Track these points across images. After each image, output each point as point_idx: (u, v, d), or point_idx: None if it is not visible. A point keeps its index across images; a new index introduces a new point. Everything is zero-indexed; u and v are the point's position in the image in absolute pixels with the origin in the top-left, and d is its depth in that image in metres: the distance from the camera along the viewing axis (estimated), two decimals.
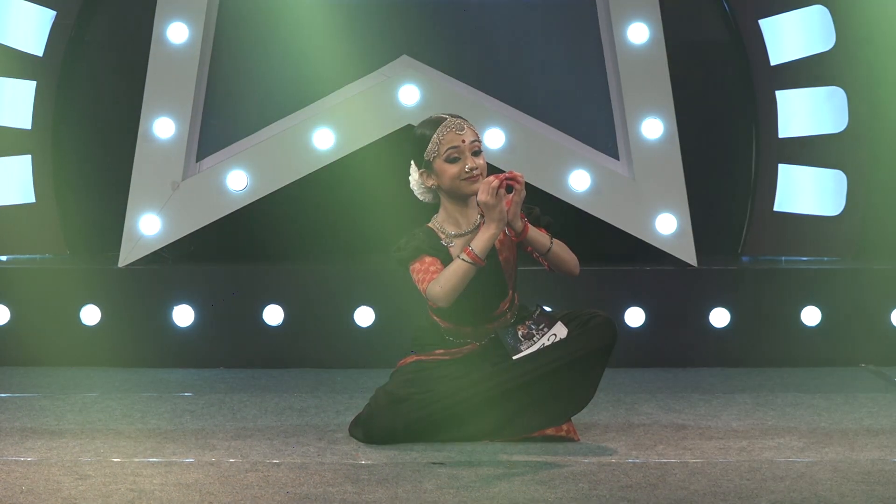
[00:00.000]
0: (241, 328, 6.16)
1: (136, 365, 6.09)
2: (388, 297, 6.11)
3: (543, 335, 4.58)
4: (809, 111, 6.67)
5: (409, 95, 6.25)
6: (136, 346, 6.13)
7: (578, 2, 6.44)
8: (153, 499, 3.83)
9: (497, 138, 6.24)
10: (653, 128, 6.31)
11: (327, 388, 5.64)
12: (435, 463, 4.29)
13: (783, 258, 6.67)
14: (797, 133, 6.68)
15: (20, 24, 6.58)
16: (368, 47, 6.44)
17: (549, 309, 4.71)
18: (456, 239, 4.63)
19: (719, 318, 6.21)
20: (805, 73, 6.65)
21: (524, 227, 4.55)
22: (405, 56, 6.40)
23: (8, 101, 6.60)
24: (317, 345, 6.16)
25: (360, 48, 6.43)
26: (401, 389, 4.61)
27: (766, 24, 6.69)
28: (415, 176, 4.70)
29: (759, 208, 6.73)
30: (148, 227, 6.22)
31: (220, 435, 4.70)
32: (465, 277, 4.46)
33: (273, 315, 6.16)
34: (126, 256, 6.21)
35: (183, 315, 6.15)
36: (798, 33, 6.67)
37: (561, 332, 4.58)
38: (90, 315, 6.14)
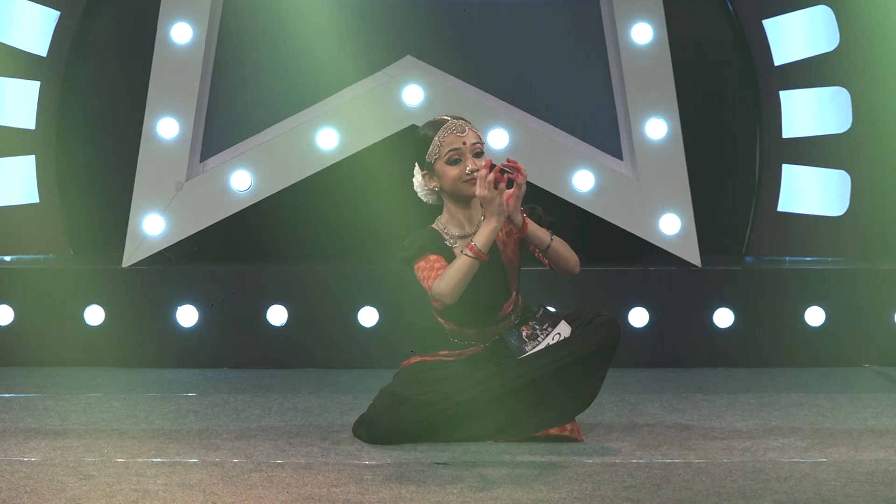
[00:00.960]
0: (245, 328, 6.16)
1: (139, 365, 6.09)
2: (392, 298, 6.11)
3: (547, 335, 4.58)
4: (813, 111, 6.67)
5: (412, 96, 6.25)
6: (139, 346, 6.13)
7: (582, 2, 6.45)
8: (157, 499, 3.83)
9: (501, 138, 6.24)
10: (657, 128, 6.31)
11: (331, 389, 5.63)
12: (439, 463, 4.29)
13: (787, 258, 6.67)
14: (801, 133, 6.68)
15: (24, 24, 6.59)
16: (372, 47, 6.45)
17: (552, 309, 4.70)
18: (460, 240, 4.62)
19: (723, 318, 6.21)
20: (809, 73, 6.65)
21: (524, 222, 4.55)
22: (409, 56, 6.40)
23: (12, 102, 6.60)
24: (321, 345, 6.15)
25: (364, 48, 6.43)
26: (405, 390, 4.60)
27: (770, 24, 6.68)
28: (418, 178, 4.70)
29: (763, 208, 6.73)
30: (152, 227, 6.22)
31: (223, 435, 4.70)
32: (469, 273, 4.45)
33: (277, 315, 6.16)
34: (130, 256, 6.21)
35: (187, 315, 6.15)
36: (802, 33, 6.66)
37: (565, 331, 4.57)
38: (94, 315, 6.14)
